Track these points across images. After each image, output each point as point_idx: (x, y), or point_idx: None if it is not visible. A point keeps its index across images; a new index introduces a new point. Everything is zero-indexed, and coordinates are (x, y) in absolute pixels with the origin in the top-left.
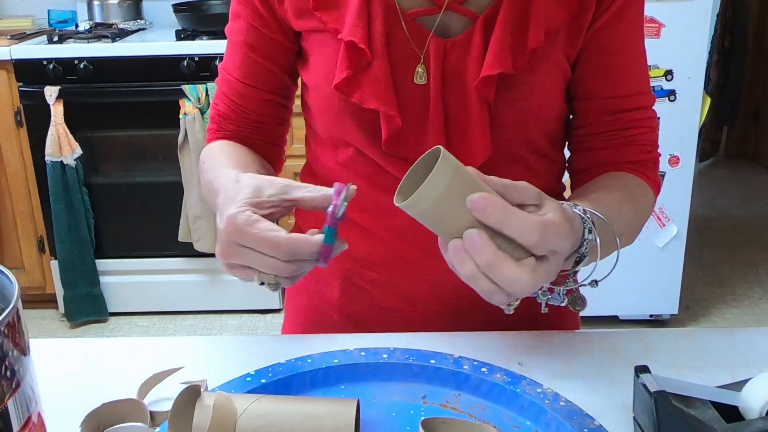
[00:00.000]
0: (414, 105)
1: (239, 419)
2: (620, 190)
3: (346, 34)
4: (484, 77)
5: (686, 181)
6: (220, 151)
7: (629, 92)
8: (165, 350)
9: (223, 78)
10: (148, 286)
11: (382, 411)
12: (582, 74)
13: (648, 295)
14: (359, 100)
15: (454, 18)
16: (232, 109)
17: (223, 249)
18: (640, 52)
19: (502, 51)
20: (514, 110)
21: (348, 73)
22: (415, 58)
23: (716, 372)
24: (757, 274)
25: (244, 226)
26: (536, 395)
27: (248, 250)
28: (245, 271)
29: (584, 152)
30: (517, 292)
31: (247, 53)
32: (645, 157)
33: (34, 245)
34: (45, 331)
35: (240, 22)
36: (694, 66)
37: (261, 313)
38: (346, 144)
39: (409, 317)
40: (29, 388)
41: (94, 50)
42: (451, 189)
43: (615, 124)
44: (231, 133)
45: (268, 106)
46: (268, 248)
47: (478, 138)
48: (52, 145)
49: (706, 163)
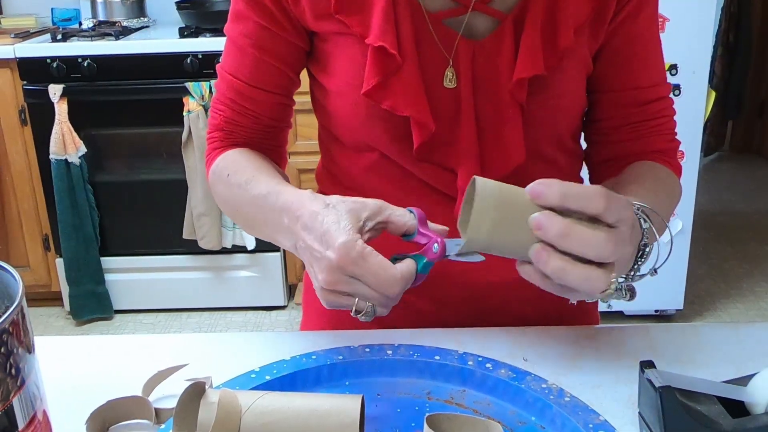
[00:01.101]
0: (445, 109)
1: (244, 416)
2: (653, 180)
3: (375, 39)
4: (517, 80)
5: (691, 176)
6: (249, 162)
7: (651, 83)
8: (169, 347)
9: (227, 82)
10: (153, 284)
11: (387, 407)
12: (605, 67)
13: (653, 290)
14: (391, 107)
15: (481, 18)
16: (242, 115)
17: (332, 278)
18: (658, 42)
19: (534, 52)
20: (545, 110)
21: (378, 80)
22: (443, 61)
23: (722, 367)
24: (762, 268)
25: (358, 259)
26: (541, 391)
27: (357, 282)
28: (345, 299)
29: (608, 144)
30: (602, 254)
31: (258, 56)
32: (669, 146)
33: (39, 243)
34: (51, 328)
35: (247, 23)
36: (699, 60)
37: (266, 310)
38: (371, 149)
39: (440, 318)
40: (34, 386)
41: (97, 48)
42: (498, 219)
43: (641, 115)
44: (243, 141)
45: (280, 109)
46: (383, 284)
47: (512, 141)
48: (56, 143)
49: (711, 158)
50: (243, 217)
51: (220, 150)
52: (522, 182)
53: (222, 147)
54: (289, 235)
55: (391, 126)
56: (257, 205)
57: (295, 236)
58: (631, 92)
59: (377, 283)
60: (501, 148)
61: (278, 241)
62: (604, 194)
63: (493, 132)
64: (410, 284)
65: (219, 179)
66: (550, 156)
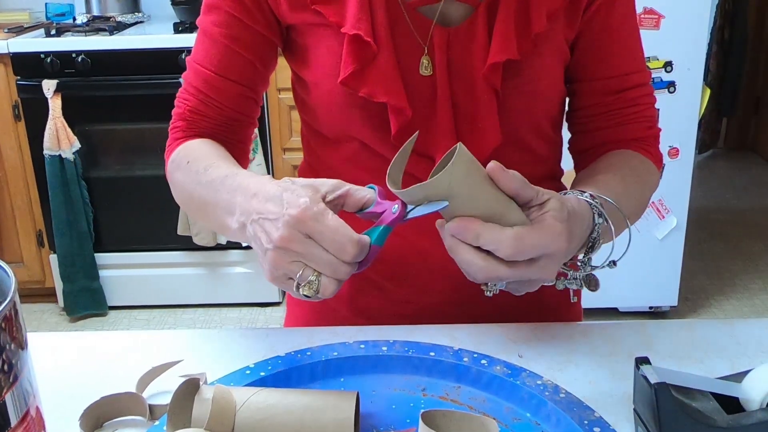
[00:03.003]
0: (421, 96)
1: (238, 412)
2: (625, 169)
3: (350, 28)
4: (491, 65)
5: (686, 173)
6: (211, 151)
7: (628, 70)
8: (163, 343)
9: (195, 72)
10: (147, 280)
11: (382, 403)
12: (582, 56)
13: (647, 287)
14: (368, 94)
15: (455, 6)
16: (206, 105)
17: (288, 234)
18: (636, 29)
19: (507, 37)
20: (521, 95)
21: (354, 68)
22: (419, 48)
23: (717, 363)
24: (756, 265)
25: (319, 215)
26: (536, 387)
27: (312, 243)
28: (294, 265)
29: (586, 132)
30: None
31: (227, 45)
32: (646, 134)
33: (33, 239)
34: (45, 325)
35: (220, 13)
36: (693, 57)
37: (260, 306)
38: (351, 139)
39: (422, 307)
40: (27, 382)
41: (91, 43)
42: (469, 173)
43: (617, 103)
44: (205, 131)
45: (245, 102)
46: (339, 243)
47: (487, 126)
48: (50, 139)
49: (705, 155)
50: (195, 202)
51: (181, 140)
52: None
53: (184, 137)
54: (240, 213)
55: (369, 114)
56: (213, 189)
57: (247, 213)
58: (608, 81)
59: (334, 241)
60: (477, 133)
61: (226, 225)
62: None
63: (469, 117)
64: (364, 255)
65: (177, 167)
66: (529, 144)
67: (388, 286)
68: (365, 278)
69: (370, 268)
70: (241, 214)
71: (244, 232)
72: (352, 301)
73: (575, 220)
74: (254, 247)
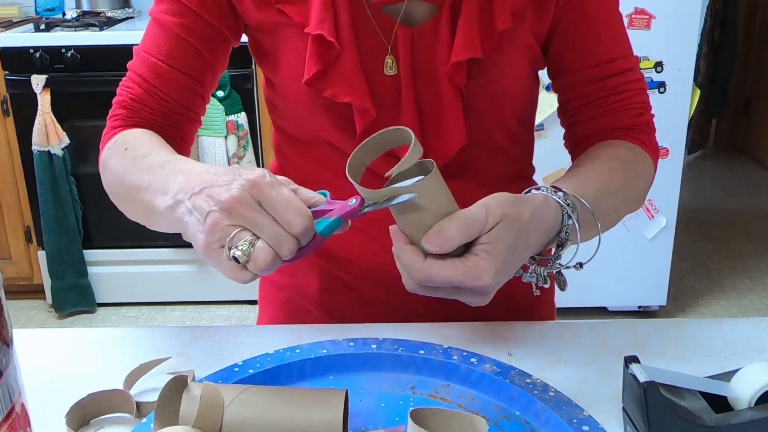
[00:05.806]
0: (386, 96)
1: (226, 409)
2: (611, 161)
3: (313, 28)
4: (454, 63)
5: (675, 173)
6: (152, 141)
7: (610, 57)
8: (151, 340)
9: (142, 60)
10: (136, 277)
11: (371, 401)
12: (559, 47)
13: (637, 286)
14: (332, 94)
15: (419, 5)
16: (150, 95)
17: (240, 196)
18: (615, 15)
19: (470, 36)
20: (486, 94)
21: (318, 68)
22: (383, 48)
23: (705, 362)
24: (745, 265)
25: (274, 183)
26: (525, 386)
27: (261, 211)
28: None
29: (576, 125)
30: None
31: (178, 34)
32: (636, 121)
33: (21, 236)
34: (33, 321)
35: (173, 2)
36: (684, 58)
37: (250, 303)
38: (319, 140)
39: (392, 307)
40: (12, 379)
41: (81, 39)
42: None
43: (599, 92)
44: (146, 122)
45: (191, 96)
46: (290, 211)
47: (452, 125)
48: (39, 135)
49: (695, 155)
50: (125, 188)
51: (120, 129)
52: (467, 168)
53: (123, 126)
54: (178, 191)
55: (335, 115)
56: (150, 172)
57: (186, 190)
58: (588, 70)
59: (285, 210)
60: (442, 133)
61: (153, 207)
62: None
63: (434, 117)
64: (309, 238)
65: (113, 154)
66: (497, 143)
67: (358, 286)
68: (335, 278)
69: (334, 266)
70: (179, 191)
71: (175, 210)
72: (322, 303)
73: (526, 233)
74: (188, 222)
